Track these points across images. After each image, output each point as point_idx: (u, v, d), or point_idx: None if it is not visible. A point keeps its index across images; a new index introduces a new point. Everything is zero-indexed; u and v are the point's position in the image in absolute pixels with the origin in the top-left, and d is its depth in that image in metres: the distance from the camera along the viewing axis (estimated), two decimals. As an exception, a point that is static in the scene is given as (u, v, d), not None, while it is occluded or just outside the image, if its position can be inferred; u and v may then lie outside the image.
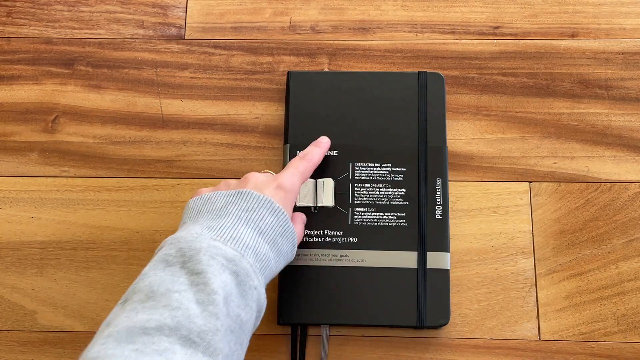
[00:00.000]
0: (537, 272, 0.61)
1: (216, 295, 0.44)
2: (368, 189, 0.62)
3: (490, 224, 0.63)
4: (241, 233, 0.48)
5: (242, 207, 0.50)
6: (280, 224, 0.51)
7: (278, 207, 0.51)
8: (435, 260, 0.60)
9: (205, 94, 0.67)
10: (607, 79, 0.67)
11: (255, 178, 0.54)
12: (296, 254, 0.60)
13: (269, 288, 0.61)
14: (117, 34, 0.70)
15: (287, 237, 0.52)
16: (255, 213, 0.50)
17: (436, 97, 0.64)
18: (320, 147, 0.60)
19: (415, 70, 0.67)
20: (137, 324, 0.42)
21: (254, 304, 0.47)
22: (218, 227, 0.48)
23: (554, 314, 0.60)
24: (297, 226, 0.57)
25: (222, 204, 0.51)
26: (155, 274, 0.45)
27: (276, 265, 0.51)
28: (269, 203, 0.51)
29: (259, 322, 0.50)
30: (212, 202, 0.51)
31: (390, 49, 0.68)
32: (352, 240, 0.61)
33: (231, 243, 0.47)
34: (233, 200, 0.51)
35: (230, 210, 0.50)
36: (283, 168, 0.63)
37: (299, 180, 0.55)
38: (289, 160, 0.63)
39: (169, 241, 0.48)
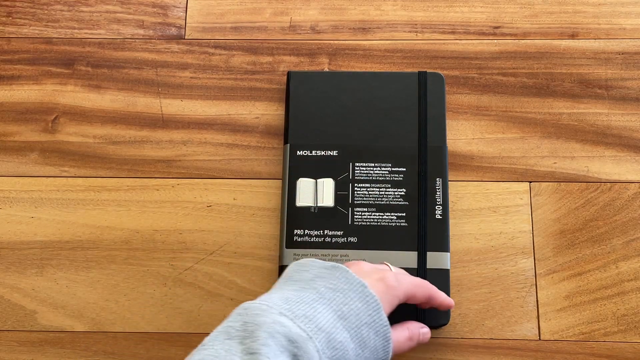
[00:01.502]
0: (537, 272, 0.61)
1: None
2: (368, 189, 0.62)
3: (490, 224, 0.63)
4: (317, 312, 0.44)
5: (331, 285, 0.46)
6: (370, 313, 0.46)
7: (371, 294, 0.46)
8: (435, 260, 0.60)
9: (205, 94, 0.67)
10: (607, 79, 0.67)
11: (360, 265, 0.50)
12: (296, 254, 0.60)
13: (269, 289, 0.61)
14: (117, 34, 0.70)
15: (377, 329, 0.46)
16: (342, 294, 0.46)
17: (436, 97, 0.64)
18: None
19: (415, 70, 0.67)
20: None
21: None
22: (295, 300, 0.44)
23: (554, 314, 0.60)
24: (398, 332, 0.50)
25: (311, 276, 0.47)
26: (213, 347, 0.41)
27: (356, 358, 0.45)
28: (361, 287, 0.46)
29: None
30: (303, 270, 0.48)
31: (390, 49, 0.68)
32: (352, 240, 0.61)
33: (301, 321, 0.43)
34: (324, 274, 0.47)
35: (316, 285, 0.46)
36: (283, 168, 0.63)
37: (405, 287, 0.50)
38: (289, 160, 0.63)
39: (237, 311, 0.44)
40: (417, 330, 0.53)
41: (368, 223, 0.61)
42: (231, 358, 0.40)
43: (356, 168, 0.62)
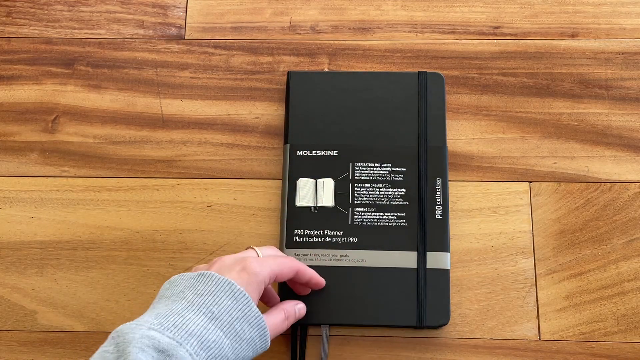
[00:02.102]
0: (537, 272, 0.61)
1: None
2: (368, 189, 0.62)
3: (490, 224, 0.63)
4: (187, 319, 0.46)
5: (199, 291, 0.48)
6: (240, 307, 0.48)
7: (239, 289, 0.48)
8: (435, 260, 0.60)
9: (205, 94, 0.67)
10: (607, 79, 0.67)
11: (222, 261, 0.51)
12: (296, 254, 0.60)
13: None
14: (117, 34, 0.70)
15: (249, 321, 0.48)
16: (211, 297, 0.47)
17: (436, 97, 0.64)
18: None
19: (415, 70, 0.67)
20: None
21: None
22: (164, 314, 0.46)
23: (554, 314, 0.60)
24: (274, 316, 0.53)
25: (181, 289, 0.48)
26: None
27: (234, 353, 0.47)
28: (228, 285, 0.48)
29: None
30: (174, 286, 0.49)
31: (390, 49, 0.68)
32: (352, 240, 0.61)
33: (170, 331, 0.44)
34: (192, 284, 0.49)
35: (185, 295, 0.48)
36: (283, 168, 0.63)
37: (268, 269, 0.51)
38: (289, 160, 0.63)
39: (112, 334, 0.45)
40: (292, 308, 0.55)
41: (368, 223, 0.61)
42: None
43: (356, 168, 0.62)
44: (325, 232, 0.61)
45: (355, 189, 0.62)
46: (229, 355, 0.47)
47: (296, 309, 0.56)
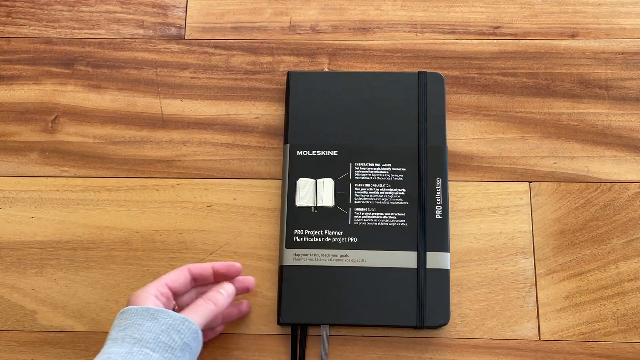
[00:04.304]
0: (537, 272, 0.61)
1: None
2: (368, 189, 0.62)
3: (490, 224, 0.63)
4: (112, 354, 0.47)
5: (121, 326, 0.49)
6: (161, 321, 0.49)
7: (155, 308, 0.50)
8: (435, 260, 0.60)
9: (205, 94, 0.67)
10: (607, 79, 0.67)
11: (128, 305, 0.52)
12: (296, 254, 0.60)
13: (269, 288, 0.61)
14: (117, 34, 0.70)
15: (176, 329, 0.49)
16: (132, 326, 0.49)
17: (436, 97, 0.64)
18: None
19: (415, 70, 0.67)
20: None
21: None
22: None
23: (554, 314, 0.60)
24: (198, 308, 0.53)
25: (109, 335, 0.50)
26: None
27: None
28: (144, 310, 0.50)
29: None
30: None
31: (390, 49, 0.68)
32: (352, 240, 0.61)
33: None
34: (115, 323, 0.50)
35: (111, 335, 0.49)
36: (283, 168, 0.63)
37: (154, 284, 0.53)
38: (289, 160, 0.63)
39: None
40: (214, 293, 0.54)
41: (368, 223, 0.61)
42: None
43: (356, 168, 0.62)
44: (325, 232, 0.61)
45: (355, 189, 0.62)
46: None
47: (221, 291, 0.55)
